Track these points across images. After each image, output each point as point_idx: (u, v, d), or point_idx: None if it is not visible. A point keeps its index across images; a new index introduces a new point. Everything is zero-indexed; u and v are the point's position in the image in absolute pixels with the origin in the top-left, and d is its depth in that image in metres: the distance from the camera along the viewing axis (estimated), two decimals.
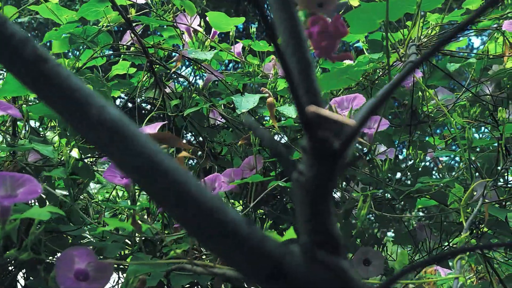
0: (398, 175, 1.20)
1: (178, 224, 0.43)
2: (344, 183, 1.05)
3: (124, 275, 0.95)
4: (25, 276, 1.07)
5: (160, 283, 0.95)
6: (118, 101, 1.43)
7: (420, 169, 1.09)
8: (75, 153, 1.22)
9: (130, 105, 1.37)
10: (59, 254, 0.95)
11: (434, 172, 1.39)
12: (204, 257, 0.86)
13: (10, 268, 1.03)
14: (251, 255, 0.41)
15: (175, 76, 1.36)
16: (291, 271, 0.41)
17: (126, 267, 0.86)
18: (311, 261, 0.42)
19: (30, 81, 0.42)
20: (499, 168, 1.07)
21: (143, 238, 1.00)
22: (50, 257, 1.00)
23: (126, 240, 1.03)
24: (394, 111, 1.24)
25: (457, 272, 0.83)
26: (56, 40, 1.22)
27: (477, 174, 1.14)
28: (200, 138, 1.29)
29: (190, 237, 0.42)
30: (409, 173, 1.17)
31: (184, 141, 1.41)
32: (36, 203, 1.06)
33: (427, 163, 1.18)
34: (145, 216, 1.00)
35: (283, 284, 0.41)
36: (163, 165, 0.42)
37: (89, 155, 1.23)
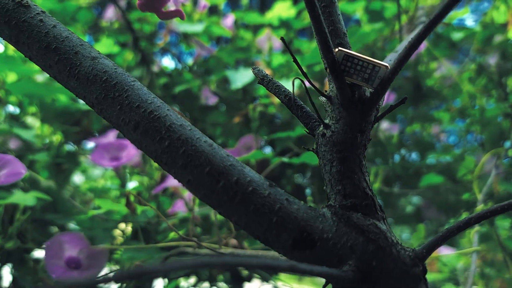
0: (402, 152, 1.14)
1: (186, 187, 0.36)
2: None
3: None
4: (12, 268, 0.99)
5: None
6: None
7: (425, 144, 1.04)
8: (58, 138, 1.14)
9: None
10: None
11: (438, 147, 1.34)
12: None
13: None
14: (274, 218, 0.35)
15: (162, 53, 1.29)
16: (322, 237, 0.35)
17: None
18: (344, 225, 0.36)
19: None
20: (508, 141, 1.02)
21: (137, 225, 0.93)
22: (37, 248, 0.93)
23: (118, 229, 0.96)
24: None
25: (474, 245, 0.78)
26: None
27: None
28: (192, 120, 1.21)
29: (203, 201, 0.35)
30: (413, 150, 1.11)
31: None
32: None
33: (432, 139, 1.13)
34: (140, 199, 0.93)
35: (311, 253, 0.35)
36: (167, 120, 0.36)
37: (73, 140, 1.15)
